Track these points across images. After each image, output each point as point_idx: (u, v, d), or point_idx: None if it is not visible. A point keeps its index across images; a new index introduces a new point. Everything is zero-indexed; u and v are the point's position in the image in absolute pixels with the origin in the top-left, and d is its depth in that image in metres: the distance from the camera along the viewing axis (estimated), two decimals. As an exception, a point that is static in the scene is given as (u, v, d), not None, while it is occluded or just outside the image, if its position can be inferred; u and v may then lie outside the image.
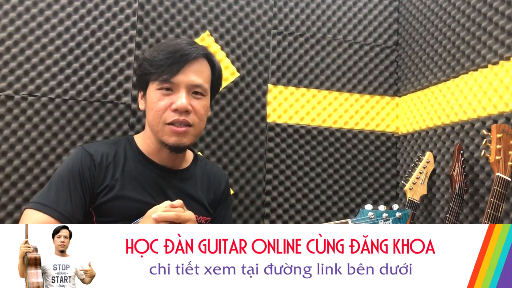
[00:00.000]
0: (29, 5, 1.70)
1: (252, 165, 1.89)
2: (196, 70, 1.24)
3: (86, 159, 1.23)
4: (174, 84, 1.22)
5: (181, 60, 1.21)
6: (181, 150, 1.28)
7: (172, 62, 1.21)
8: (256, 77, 1.92)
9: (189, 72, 1.23)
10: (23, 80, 1.68)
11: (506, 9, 1.47)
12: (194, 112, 1.23)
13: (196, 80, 1.23)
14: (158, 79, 1.22)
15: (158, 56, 1.23)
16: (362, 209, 1.22)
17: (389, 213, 1.22)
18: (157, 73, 1.21)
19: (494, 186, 1.32)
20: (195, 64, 1.24)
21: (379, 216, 1.22)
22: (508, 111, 1.44)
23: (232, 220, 1.58)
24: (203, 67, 1.27)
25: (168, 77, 1.20)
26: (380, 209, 1.23)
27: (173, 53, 1.22)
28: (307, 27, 2.00)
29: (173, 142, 1.23)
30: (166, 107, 1.22)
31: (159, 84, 1.22)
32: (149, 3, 1.82)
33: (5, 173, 1.64)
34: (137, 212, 1.21)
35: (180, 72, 1.21)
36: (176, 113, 1.21)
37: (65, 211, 1.16)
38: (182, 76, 1.21)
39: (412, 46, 1.99)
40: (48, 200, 1.17)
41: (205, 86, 1.26)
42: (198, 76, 1.24)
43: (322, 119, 1.98)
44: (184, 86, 1.22)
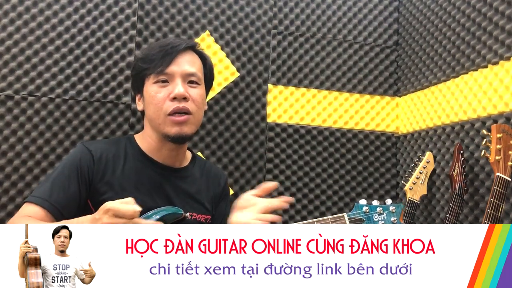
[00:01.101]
0: (29, 5, 1.70)
1: (252, 165, 1.89)
2: (188, 60, 1.28)
3: (85, 154, 1.25)
4: (169, 74, 1.25)
5: (173, 51, 1.25)
6: (183, 141, 1.29)
7: (164, 54, 1.25)
8: (256, 77, 1.92)
9: (182, 62, 1.27)
10: (23, 80, 1.68)
11: (506, 9, 1.47)
12: (191, 100, 1.26)
13: (190, 69, 1.27)
14: (153, 73, 1.25)
15: (150, 52, 1.28)
16: (357, 203, 1.26)
17: (383, 207, 1.27)
18: (151, 67, 1.25)
19: (494, 186, 1.32)
20: (186, 55, 1.28)
21: (373, 210, 1.26)
22: (508, 111, 1.44)
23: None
24: (194, 58, 1.31)
25: (163, 69, 1.24)
26: (374, 203, 1.28)
27: (164, 46, 1.26)
28: (307, 27, 2.00)
29: (175, 132, 1.24)
30: (165, 98, 1.24)
31: (155, 77, 1.25)
32: (149, 3, 1.82)
33: (5, 173, 1.64)
34: None
35: (173, 62, 1.25)
36: (175, 101, 1.24)
37: (56, 202, 1.17)
38: (176, 66, 1.25)
39: (412, 46, 1.99)
40: (41, 192, 1.19)
41: (199, 74, 1.30)
42: (191, 65, 1.28)
43: (322, 119, 1.98)
44: (179, 75, 1.25)
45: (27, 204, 1.18)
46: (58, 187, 1.20)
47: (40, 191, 1.20)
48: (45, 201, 1.17)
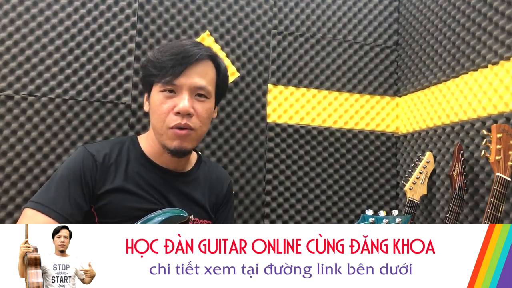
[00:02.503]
0: (29, 5, 1.70)
1: (252, 165, 1.89)
2: (200, 72, 1.22)
3: (88, 160, 1.22)
4: (177, 86, 1.20)
5: (184, 62, 1.19)
6: (182, 155, 1.26)
7: (174, 64, 1.19)
8: (256, 77, 1.92)
9: (192, 74, 1.20)
10: (23, 80, 1.68)
11: (506, 9, 1.47)
12: (196, 116, 1.21)
13: (199, 82, 1.21)
14: (161, 81, 1.20)
15: (162, 58, 1.21)
16: (363, 214, 1.25)
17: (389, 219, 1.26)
18: (160, 75, 1.20)
19: (494, 186, 1.31)
20: (199, 66, 1.22)
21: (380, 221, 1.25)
22: (508, 111, 1.44)
23: (234, 222, 1.57)
24: (207, 69, 1.24)
25: (171, 79, 1.18)
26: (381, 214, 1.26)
27: (176, 54, 1.20)
28: (307, 27, 2.00)
29: (174, 146, 1.21)
30: (169, 110, 1.20)
31: (162, 86, 1.20)
32: (149, 3, 1.82)
33: (5, 173, 1.64)
34: (138, 214, 1.21)
35: (182, 74, 1.19)
36: (179, 116, 1.19)
37: (63, 212, 1.15)
38: (185, 78, 1.19)
39: (412, 46, 1.99)
40: (47, 200, 1.16)
41: (208, 88, 1.23)
42: (202, 78, 1.22)
43: (322, 119, 1.98)
44: (186, 89, 1.20)
45: (34, 211, 1.15)
46: (62, 195, 1.17)
47: (45, 199, 1.16)
48: (52, 211, 1.14)
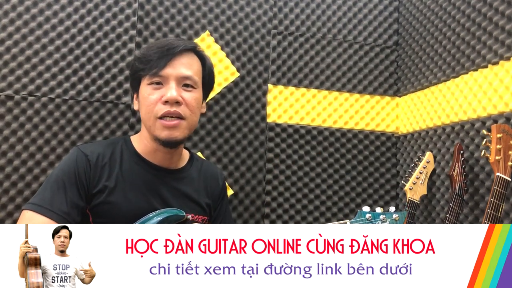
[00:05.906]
0: (29, 5, 1.70)
1: (252, 165, 1.89)
2: (185, 63, 1.25)
3: (81, 160, 1.23)
4: (163, 77, 1.23)
5: (169, 53, 1.23)
6: (174, 145, 1.27)
7: (160, 56, 1.22)
8: (256, 77, 1.92)
9: (177, 64, 1.24)
10: (23, 80, 1.68)
11: (506, 9, 1.47)
12: (185, 104, 1.24)
13: (185, 72, 1.24)
14: (148, 74, 1.23)
15: (148, 52, 1.25)
16: (360, 210, 1.26)
17: (386, 215, 1.26)
18: (146, 68, 1.23)
19: (494, 186, 1.32)
20: (183, 57, 1.25)
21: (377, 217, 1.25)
22: (508, 111, 1.44)
23: (231, 214, 1.59)
24: (193, 61, 1.28)
25: (157, 71, 1.22)
26: (378, 210, 1.27)
27: (161, 47, 1.24)
28: (307, 27, 2.00)
29: (165, 136, 1.23)
30: (157, 101, 1.22)
31: (149, 79, 1.24)
32: (149, 3, 1.82)
33: (5, 173, 1.64)
34: (133, 213, 1.21)
35: (168, 65, 1.22)
36: (167, 105, 1.22)
37: (60, 211, 1.16)
38: (171, 68, 1.23)
39: (412, 46, 1.99)
40: (44, 201, 1.17)
41: (195, 78, 1.26)
42: (188, 68, 1.25)
43: (322, 119, 1.98)
44: (173, 79, 1.23)
45: (32, 213, 1.16)
46: (59, 195, 1.18)
47: (42, 200, 1.17)
48: (50, 211, 1.15)
